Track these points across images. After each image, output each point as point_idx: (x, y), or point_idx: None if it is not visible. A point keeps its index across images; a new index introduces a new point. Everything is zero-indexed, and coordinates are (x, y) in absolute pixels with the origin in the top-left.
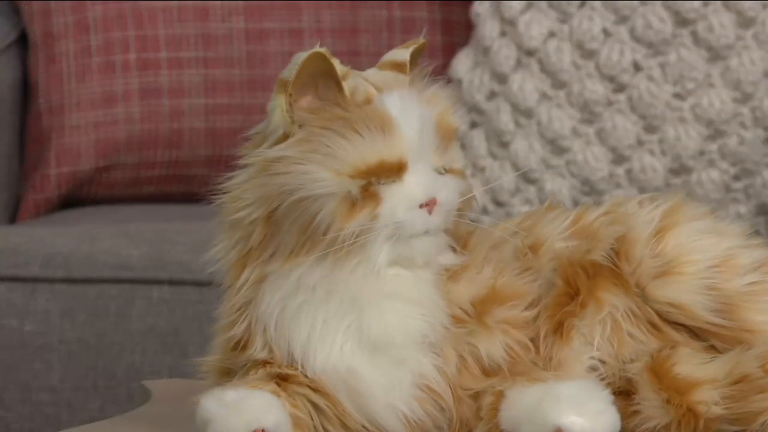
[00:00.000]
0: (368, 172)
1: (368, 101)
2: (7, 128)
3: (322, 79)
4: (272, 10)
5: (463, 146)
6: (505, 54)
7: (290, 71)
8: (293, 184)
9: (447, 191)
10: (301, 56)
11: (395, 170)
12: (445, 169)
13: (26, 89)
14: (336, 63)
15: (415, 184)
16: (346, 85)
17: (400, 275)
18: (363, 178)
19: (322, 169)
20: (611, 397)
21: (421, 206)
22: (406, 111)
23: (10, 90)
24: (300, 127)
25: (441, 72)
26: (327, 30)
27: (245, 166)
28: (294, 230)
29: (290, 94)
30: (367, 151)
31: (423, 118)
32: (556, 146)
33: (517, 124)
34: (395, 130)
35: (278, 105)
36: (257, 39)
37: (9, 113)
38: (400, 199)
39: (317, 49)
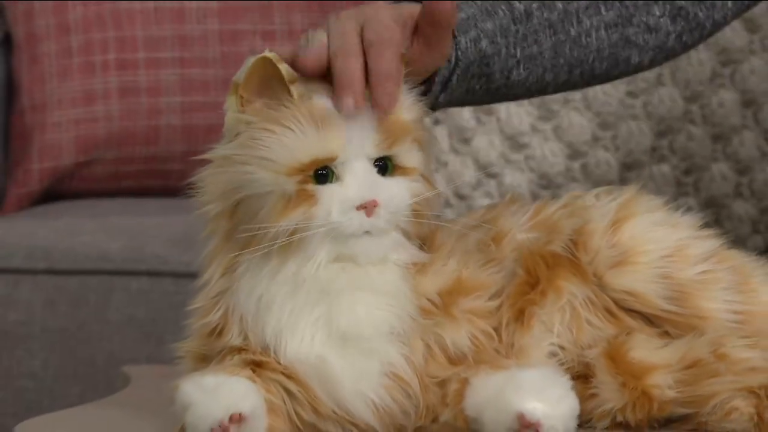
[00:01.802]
0: (302, 169)
1: (308, 100)
2: None
3: (271, 82)
4: (245, 12)
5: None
6: None
7: (241, 74)
8: (238, 182)
9: (391, 193)
10: (251, 59)
11: (329, 164)
12: (393, 167)
13: (10, 88)
14: (284, 68)
15: (352, 186)
16: (294, 89)
17: (364, 268)
18: (298, 176)
19: (261, 169)
20: (570, 383)
21: (358, 208)
22: None
23: None
24: (247, 126)
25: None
26: (298, 31)
27: (209, 162)
28: (245, 224)
29: (241, 96)
30: (301, 149)
31: (361, 114)
32: (515, 142)
33: (478, 121)
34: (329, 126)
35: (230, 106)
36: (231, 40)
37: None
38: (335, 200)
39: (266, 53)
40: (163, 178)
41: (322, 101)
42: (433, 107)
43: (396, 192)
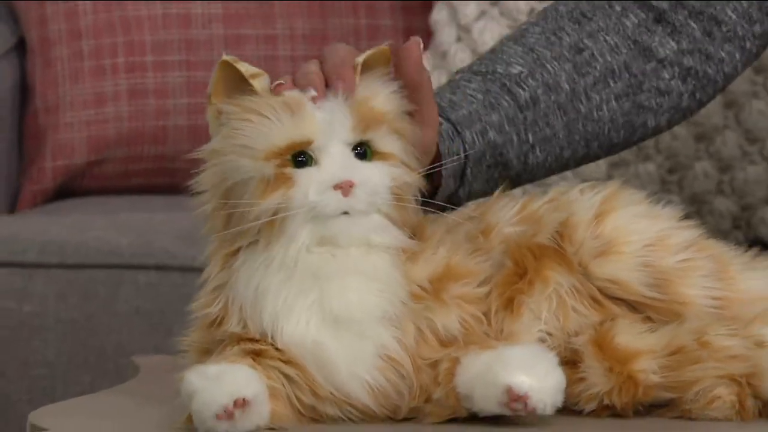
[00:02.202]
0: (280, 153)
1: (281, 92)
2: (8, 126)
3: (236, 82)
4: (249, 17)
5: None
6: (460, 57)
7: (210, 85)
8: (225, 172)
9: (367, 175)
10: (215, 68)
11: (306, 148)
12: (372, 153)
13: (24, 91)
14: (242, 66)
15: (328, 168)
16: (256, 83)
17: (354, 255)
18: (276, 160)
19: (241, 157)
20: (557, 360)
21: (335, 188)
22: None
23: (9, 91)
24: (227, 119)
25: None
26: (299, 36)
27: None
28: (235, 215)
29: (214, 104)
30: (277, 134)
31: (334, 100)
32: None
33: None
34: (302, 112)
35: (210, 117)
36: (235, 44)
37: (9, 113)
38: (312, 182)
39: (223, 57)
40: (170, 176)
41: (294, 92)
42: (456, 203)
43: (373, 174)
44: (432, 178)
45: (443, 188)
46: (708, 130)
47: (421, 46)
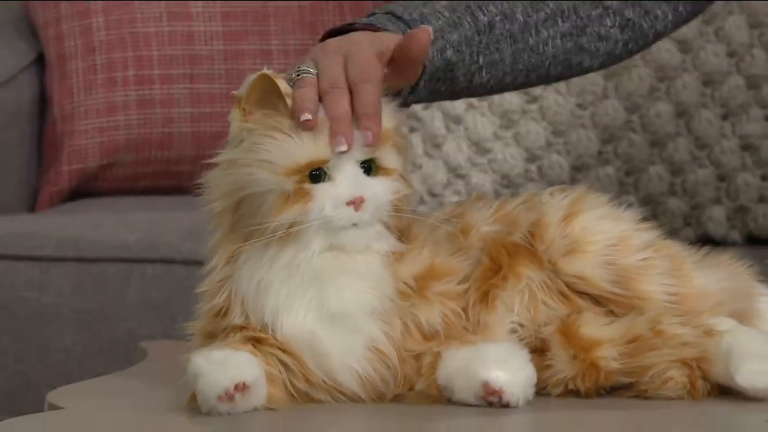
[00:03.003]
0: (299, 170)
1: None
2: (28, 133)
3: (270, 95)
4: (246, 35)
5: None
6: None
7: (243, 89)
8: (242, 182)
9: (375, 190)
10: (252, 77)
11: (323, 165)
12: (376, 168)
13: (43, 101)
14: (281, 82)
15: (342, 185)
16: (290, 101)
17: (350, 257)
18: (296, 176)
19: (262, 170)
20: (529, 356)
21: (348, 203)
22: None
23: (30, 102)
24: (249, 133)
25: None
26: (291, 51)
27: (216, 165)
28: (247, 219)
29: (243, 108)
30: (298, 153)
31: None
32: (480, 147)
33: (448, 129)
34: (322, 133)
35: (234, 117)
36: (234, 59)
37: (29, 121)
38: (328, 197)
39: (264, 71)
40: (175, 179)
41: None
42: (402, 105)
43: (379, 189)
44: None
45: (400, 95)
46: (661, 137)
47: (431, 33)
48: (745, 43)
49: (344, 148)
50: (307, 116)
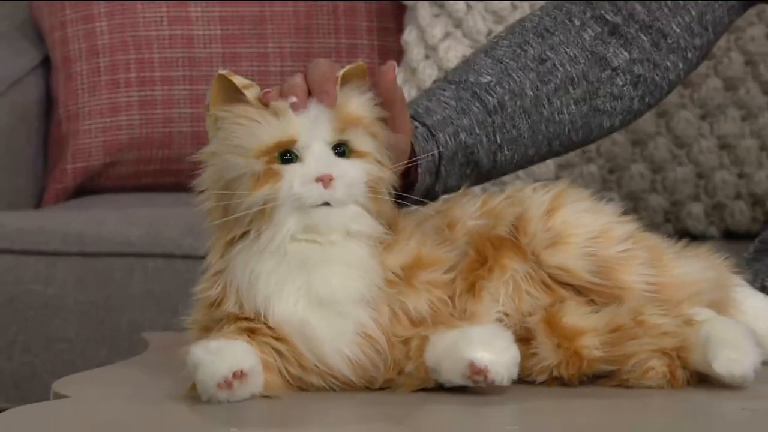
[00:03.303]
0: (268, 151)
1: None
2: (35, 133)
3: (230, 91)
4: (244, 38)
5: None
6: (428, 73)
7: (208, 96)
8: (221, 170)
9: (345, 169)
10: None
11: (291, 147)
12: (350, 151)
13: (49, 102)
14: (236, 78)
15: (311, 164)
16: (248, 93)
17: (336, 245)
18: (265, 157)
19: (234, 155)
20: (513, 337)
21: (316, 180)
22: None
23: (36, 103)
24: (221, 124)
25: None
26: (287, 53)
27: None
28: (231, 207)
29: (212, 113)
30: (265, 135)
31: (315, 105)
32: None
33: None
34: (286, 115)
35: (208, 123)
36: (231, 61)
37: (36, 121)
38: (296, 175)
39: (220, 71)
40: (175, 176)
41: (279, 101)
42: (434, 197)
43: (350, 169)
44: (410, 175)
45: (420, 183)
46: (642, 137)
47: (396, 68)
48: (722, 47)
49: (294, 99)
50: (293, 99)
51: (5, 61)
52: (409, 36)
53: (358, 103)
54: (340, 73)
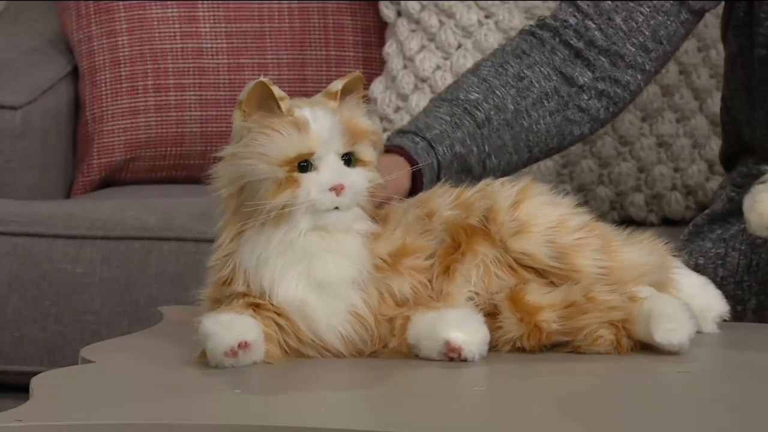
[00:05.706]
0: (289, 161)
1: (292, 113)
2: (65, 133)
3: (266, 99)
4: (246, 50)
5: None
6: (406, 81)
7: (244, 93)
8: (243, 171)
9: (354, 179)
10: (251, 83)
11: (309, 158)
12: (355, 160)
13: (77, 106)
14: (275, 88)
15: (326, 174)
16: (283, 104)
17: (335, 237)
18: (287, 166)
19: (259, 162)
20: (483, 319)
21: (330, 189)
22: (317, 118)
23: (66, 107)
24: (248, 131)
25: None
26: (284, 64)
27: (221, 158)
28: (248, 203)
29: (243, 110)
30: (288, 147)
31: (331, 122)
32: None
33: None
34: (308, 131)
35: (236, 117)
36: (236, 70)
37: (66, 122)
38: (313, 184)
39: (262, 78)
40: (187, 171)
41: (303, 113)
42: None
43: (357, 178)
44: (417, 185)
45: (425, 189)
46: (592, 136)
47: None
48: None
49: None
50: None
51: (39, 71)
52: (390, 48)
53: (363, 117)
54: (340, 86)
